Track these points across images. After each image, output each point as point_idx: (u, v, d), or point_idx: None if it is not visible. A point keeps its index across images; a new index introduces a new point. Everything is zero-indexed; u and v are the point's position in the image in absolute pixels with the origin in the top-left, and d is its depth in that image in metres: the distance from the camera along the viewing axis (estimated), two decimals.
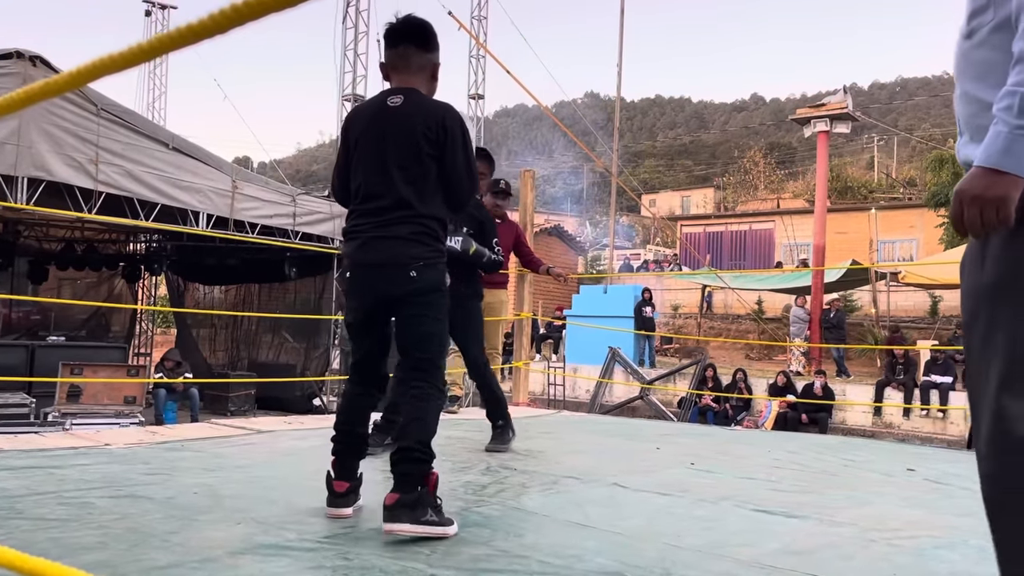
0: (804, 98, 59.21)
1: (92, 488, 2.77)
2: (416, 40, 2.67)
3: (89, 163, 8.80)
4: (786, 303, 19.55)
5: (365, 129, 2.62)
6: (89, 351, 10.97)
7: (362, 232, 2.55)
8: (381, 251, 2.51)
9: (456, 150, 2.57)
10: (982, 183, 1.29)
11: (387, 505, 2.27)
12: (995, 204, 1.28)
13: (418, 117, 2.54)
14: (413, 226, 2.51)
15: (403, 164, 2.53)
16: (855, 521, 2.73)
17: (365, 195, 2.58)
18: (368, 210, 2.56)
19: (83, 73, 0.90)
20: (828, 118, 16.02)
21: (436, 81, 2.75)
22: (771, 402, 12.98)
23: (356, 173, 2.62)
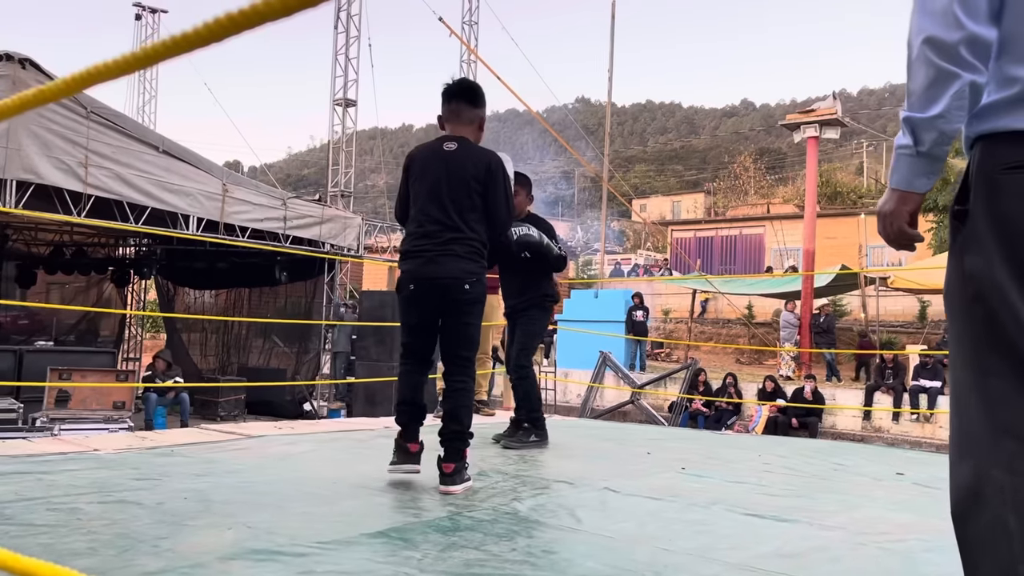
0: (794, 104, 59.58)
1: (81, 494, 2.76)
2: (466, 98, 3.36)
3: (79, 166, 8.76)
4: (776, 308, 19.62)
5: (424, 168, 3.23)
6: (78, 356, 10.91)
7: (425, 251, 3.14)
8: (442, 266, 3.10)
9: (498, 188, 3.22)
10: (883, 201, 1.47)
11: (446, 472, 3.05)
12: (888, 218, 1.45)
13: (468, 161, 3.19)
14: (466, 247, 3.14)
15: (455, 197, 3.14)
16: (845, 525, 2.74)
17: (424, 221, 3.16)
18: (428, 232, 3.15)
19: (78, 80, 0.90)
20: (818, 124, 16.10)
21: (482, 131, 3.42)
22: (761, 407, 13.02)
23: (415, 202, 3.22)
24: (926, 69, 1.33)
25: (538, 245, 4.39)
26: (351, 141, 15.00)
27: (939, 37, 1.30)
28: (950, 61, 1.30)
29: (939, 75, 1.32)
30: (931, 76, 1.33)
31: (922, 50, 1.33)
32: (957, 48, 1.29)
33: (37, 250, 14.62)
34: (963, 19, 1.29)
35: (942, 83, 1.32)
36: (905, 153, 1.40)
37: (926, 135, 1.36)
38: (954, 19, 1.29)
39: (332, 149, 15.09)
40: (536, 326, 4.56)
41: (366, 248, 14.07)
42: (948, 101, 1.32)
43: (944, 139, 1.37)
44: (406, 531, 2.45)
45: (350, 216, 12.86)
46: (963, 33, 1.29)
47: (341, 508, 2.77)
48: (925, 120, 1.35)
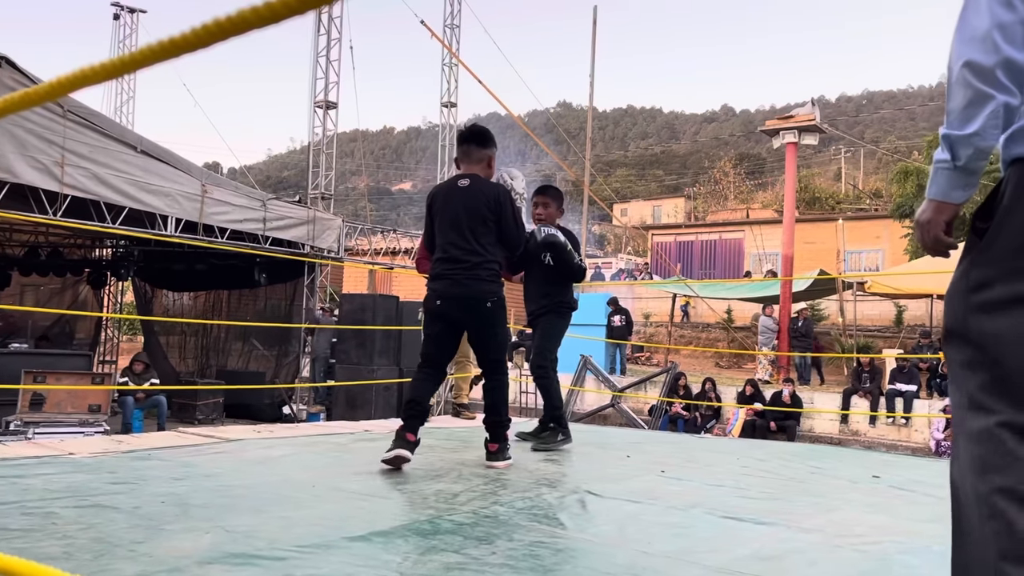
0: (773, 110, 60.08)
1: (56, 498, 2.73)
2: (476, 141, 3.91)
3: (55, 165, 8.66)
4: (755, 312, 19.76)
5: (444, 203, 3.82)
6: (52, 358, 10.76)
7: (453, 274, 3.71)
8: (468, 287, 3.69)
9: (507, 214, 3.78)
10: (921, 211, 1.56)
11: (492, 451, 3.83)
12: (925, 227, 1.54)
13: (481, 195, 3.75)
14: (488, 271, 3.72)
15: (473, 227, 3.72)
16: (822, 527, 2.77)
17: (449, 248, 3.74)
18: (453, 257, 3.72)
19: (63, 84, 0.90)
20: (796, 130, 16.25)
21: (491, 168, 3.95)
22: (738, 410, 13.10)
23: (440, 233, 3.80)
24: (964, 90, 1.43)
25: (562, 248, 4.52)
26: (332, 143, 14.93)
27: (977, 61, 1.41)
28: (987, 83, 1.40)
29: (976, 96, 1.42)
30: (969, 97, 1.43)
31: (961, 73, 1.43)
32: (994, 71, 1.40)
33: (11, 251, 14.43)
34: (1001, 44, 1.39)
35: (979, 103, 1.42)
36: (943, 167, 1.49)
37: (963, 151, 1.46)
38: (992, 44, 1.39)
39: (312, 151, 15.02)
40: (553, 329, 4.68)
41: (346, 250, 14.01)
42: (984, 120, 1.42)
43: (980, 155, 1.46)
44: (386, 534, 2.44)
45: (330, 218, 12.80)
46: (999, 57, 1.39)
47: (320, 512, 2.76)
48: (963, 137, 1.45)
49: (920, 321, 19.36)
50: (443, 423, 5.95)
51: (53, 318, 14.57)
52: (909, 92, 77.33)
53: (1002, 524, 1.28)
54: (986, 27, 1.40)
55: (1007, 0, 1.40)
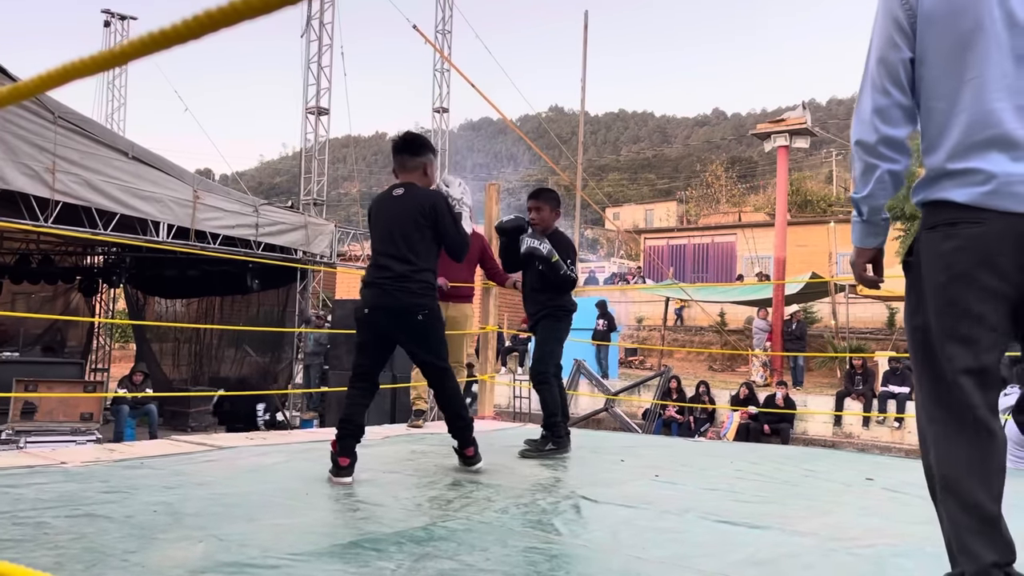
0: (764, 113, 60.35)
1: (48, 507, 2.71)
2: (408, 150, 3.80)
3: (46, 172, 8.62)
4: (748, 315, 19.81)
5: (377, 213, 3.77)
6: (44, 367, 10.71)
7: (381, 283, 3.59)
8: (397, 299, 3.56)
9: (444, 219, 3.66)
10: (852, 255, 1.96)
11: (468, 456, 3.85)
12: (855, 268, 1.96)
13: (414, 203, 3.66)
14: (418, 282, 3.58)
15: (406, 234, 3.61)
16: (816, 530, 2.77)
17: (380, 256, 3.66)
18: (383, 265, 3.61)
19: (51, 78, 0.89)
20: (788, 133, 16.32)
21: (428, 176, 3.82)
22: (732, 413, 13.12)
23: (376, 243, 3.72)
24: (857, 162, 1.82)
25: (545, 259, 4.44)
26: (324, 149, 14.92)
27: (864, 139, 1.80)
28: (872, 156, 1.79)
29: (865, 167, 1.81)
30: (861, 168, 1.82)
31: (855, 149, 1.81)
32: (876, 147, 1.78)
33: (2, 259, 14.35)
34: (879, 125, 1.78)
35: (868, 172, 1.81)
36: (855, 221, 1.90)
37: (863, 208, 1.85)
38: (873, 125, 1.78)
39: (304, 157, 15.01)
40: (551, 334, 4.60)
41: (339, 256, 13.99)
42: (873, 184, 1.81)
43: (875, 211, 1.85)
44: (379, 542, 2.43)
45: (323, 223, 12.78)
46: (879, 135, 1.78)
47: (314, 519, 2.75)
48: (861, 198, 1.84)
49: None
50: (436, 429, 5.93)
51: (45, 326, 14.49)
52: None
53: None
54: (868, 111, 1.78)
55: (883, 88, 1.77)
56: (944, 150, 1.73)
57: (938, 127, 1.75)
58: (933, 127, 1.76)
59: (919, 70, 1.76)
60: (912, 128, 1.79)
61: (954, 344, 1.70)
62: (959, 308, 1.70)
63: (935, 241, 1.73)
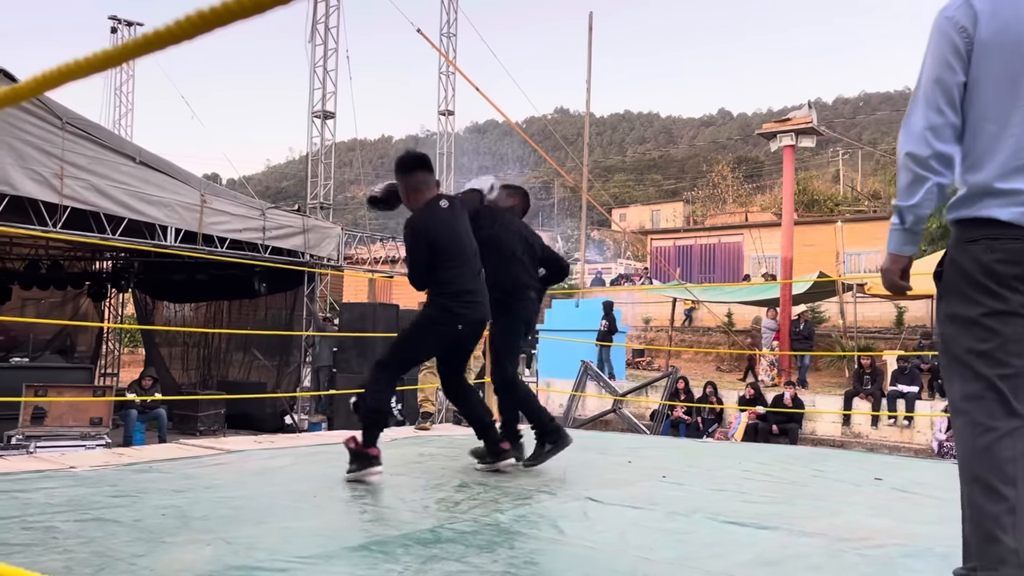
0: (770, 113, 60.18)
1: (57, 512, 2.72)
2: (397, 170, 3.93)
3: (54, 177, 8.66)
4: (755, 315, 19.74)
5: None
6: (54, 372, 10.75)
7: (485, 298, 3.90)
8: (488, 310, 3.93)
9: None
10: (884, 262, 2.09)
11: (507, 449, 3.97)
12: (886, 274, 2.06)
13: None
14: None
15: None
16: (824, 531, 2.76)
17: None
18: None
19: (49, 78, 0.89)
20: (794, 132, 16.27)
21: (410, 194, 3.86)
22: (740, 414, 13.08)
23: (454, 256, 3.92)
24: (907, 173, 1.94)
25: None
26: (330, 153, 14.95)
27: (916, 152, 1.92)
28: (923, 168, 1.91)
29: (915, 177, 1.93)
30: (910, 178, 1.94)
31: (905, 160, 1.94)
32: (928, 160, 1.90)
33: (12, 265, 14.42)
34: (932, 140, 1.90)
35: (918, 183, 1.93)
36: (896, 228, 2.00)
37: (908, 217, 1.96)
38: (926, 140, 1.90)
39: (311, 161, 15.04)
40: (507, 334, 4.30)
41: (346, 259, 14.01)
42: (922, 195, 1.93)
43: (920, 220, 1.97)
44: (387, 544, 2.43)
45: (329, 226, 12.81)
46: (931, 150, 1.90)
47: (321, 522, 2.75)
48: (908, 207, 1.95)
49: (921, 322, 19.34)
50: (444, 431, 5.94)
51: (54, 331, 14.55)
52: (906, 93, 77.38)
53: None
54: (922, 127, 1.91)
55: (937, 107, 1.90)
56: (991, 169, 1.87)
57: (985, 147, 1.88)
58: (980, 147, 1.89)
59: (971, 92, 1.90)
60: (958, 147, 1.93)
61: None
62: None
63: (976, 252, 1.86)
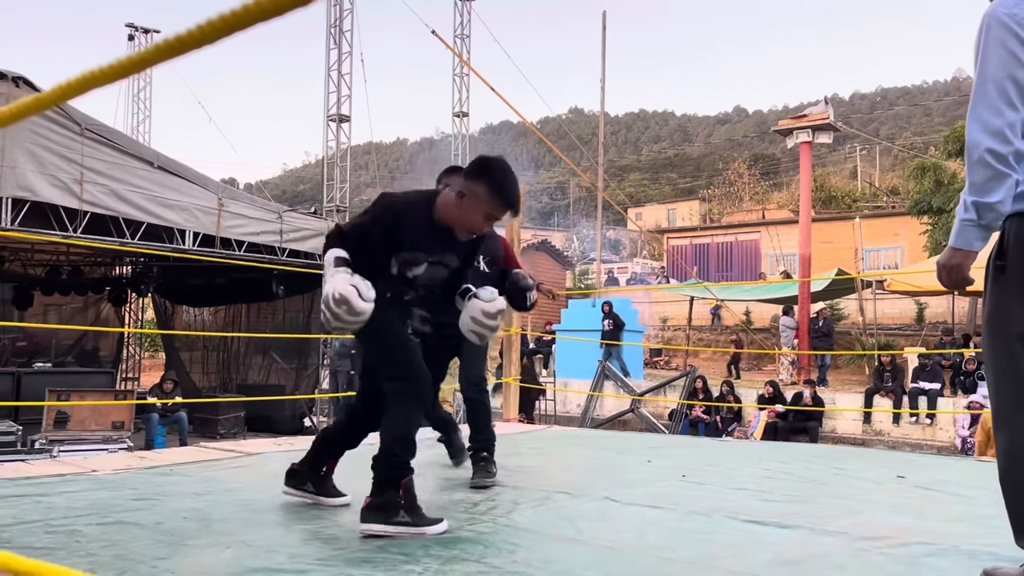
0: (786, 109, 59.77)
1: (79, 515, 2.75)
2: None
3: (74, 183, 8.77)
4: (774, 313, 19.63)
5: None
6: (76, 377, 10.88)
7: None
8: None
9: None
10: (945, 257, 2.03)
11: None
12: (953, 270, 2.01)
13: None
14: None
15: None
16: (846, 530, 2.74)
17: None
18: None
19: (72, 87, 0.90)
20: (810, 129, 16.16)
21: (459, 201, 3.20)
22: (760, 412, 13.00)
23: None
24: (986, 170, 1.91)
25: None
26: (345, 156, 15.02)
27: (997, 149, 1.90)
28: (1005, 166, 1.90)
29: (996, 174, 1.90)
30: (990, 175, 1.91)
31: (984, 156, 1.90)
32: (1007, 157, 1.90)
33: (33, 271, 14.59)
34: (1011, 137, 1.90)
35: (999, 179, 1.91)
36: (970, 224, 1.95)
37: (988, 214, 1.93)
38: (1005, 137, 1.90)
39: (327, 164, 15.12)
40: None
41: None
42: (1004, 192, 1.91)
43: (999, 217, 1.94)
44: (406, 545, 2.44)
45: None
46: (1012, 148, 1.90)
47: (341, 524, 2.76)
48: (988, 204, 1.92)
49: (941, 318, 19.16)
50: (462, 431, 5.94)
51: (76, 337, 14.72)
52: (924, 88, 76.73)
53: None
54: (1002, 124, 1.89)
55: (1011, 103, 1.90)
56: None
57: None
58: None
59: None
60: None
61: None
62: None
63: None
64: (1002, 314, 1.98)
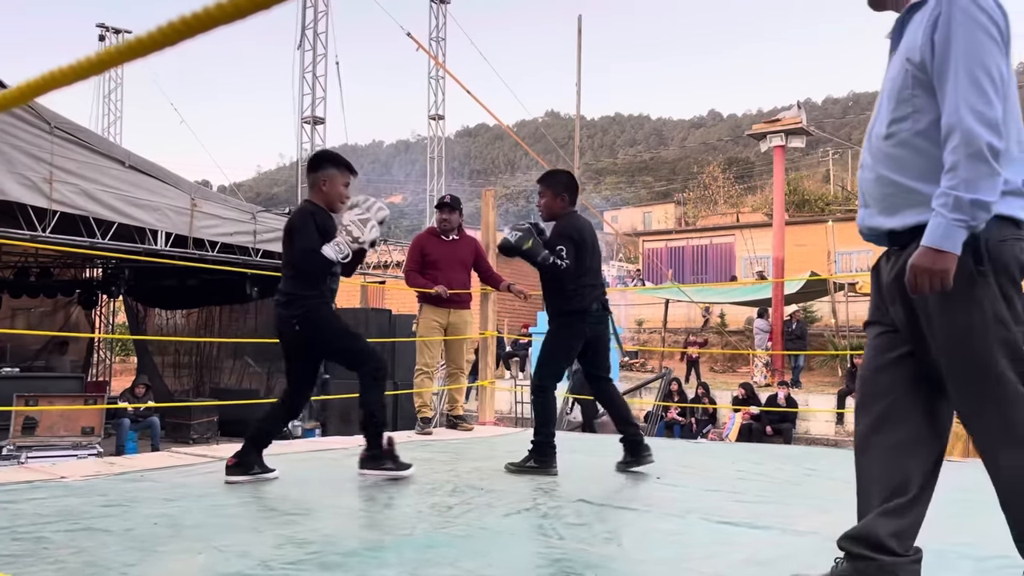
0: (760, 114, 60.40)
1: (47, 522, 2.70)
2: (308, 168, 3.95)
3: (43, 182, 8.62)
4: (748, 316, 19.79)
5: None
6: (45, 382, 10.68)
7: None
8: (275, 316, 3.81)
9: (291, 243, 3.68)
10: (930, 259, 1.74)
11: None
12: (939, 275, 1.74)
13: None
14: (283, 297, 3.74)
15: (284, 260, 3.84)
16: (817, 529, 2.76)
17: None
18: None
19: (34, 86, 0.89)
20: (783, 133, 16.34)
21: (324, 189, 3.81)
22: (734, 414, 13.11)
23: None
24: (985, 165, 1.71)
25: (512, 250, 4.04)
26: None
27: (996, 145, 1.71)
28: (999, 163, 1.73)
29: (993, 172, 1.72)
30: (989, 171, 1.72)
31: (985, 152, 1.71)
32: (1000, 154, 1.73)
33: (1, 273, 14.35)
34: (1002, 132, 1.73)
35: (995, 177, 1.72)
36: (960, 225, 1.72)
37: (982, 214, 1.73)
38: (999, 132, 1.72)
39: (301, 167, 15.02)
40: (548, 341, 4.18)
41: None
42: (997, 192, 1.73)
43: (988, 218, 1.74)
44: (379, 549, 2.43)
45: None
46: (1004, 145, 1.74)
47: (314, 528, 2.74)
48: (985, 203, 1.72)
49: None
50: (438, 435, 5.93)
51: (45, 340, 14.48)
52: None
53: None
54: (995, 116, 1.70)
55: (999, 93, 1.72)
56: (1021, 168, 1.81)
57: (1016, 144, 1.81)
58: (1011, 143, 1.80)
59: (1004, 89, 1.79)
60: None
61: None
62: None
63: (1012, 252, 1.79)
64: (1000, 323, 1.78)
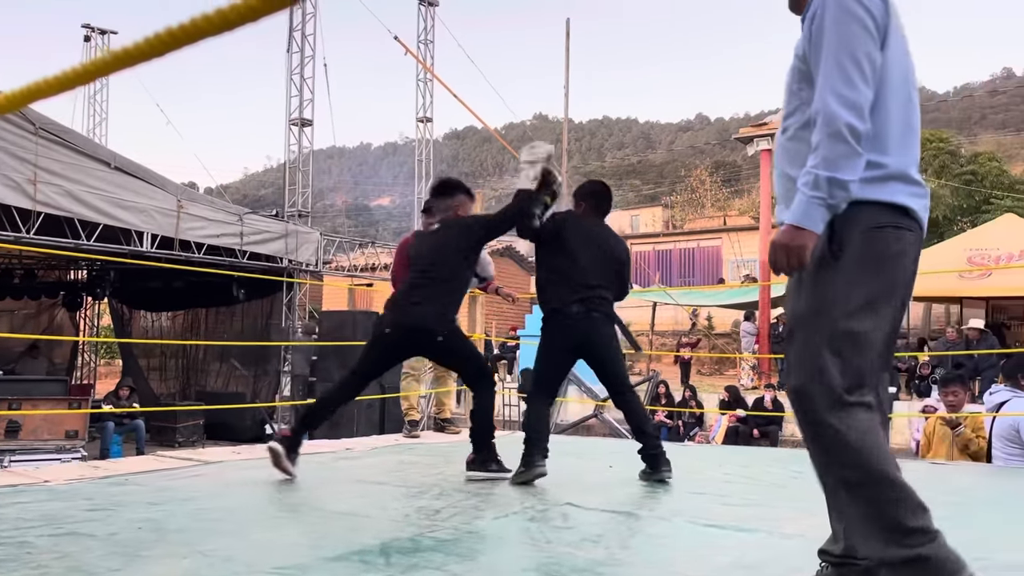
0: (747, 117, 60.65)
1: (31, 527, 2.68)
2: (435, 193, 4.27)
3: (27, 183, 8.56)
4: (735, 319, 19.87)
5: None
6: (28, 385, 10.58)
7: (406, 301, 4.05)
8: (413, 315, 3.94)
9: (470, 231, 4.06)
10: (788, 236, 1.78)
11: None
12: (796, 251, 1.77)
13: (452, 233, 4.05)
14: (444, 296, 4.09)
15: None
16: (803, 532, 2.77)
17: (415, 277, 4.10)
18: (415, 284, 4.07)
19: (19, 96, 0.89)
20: (770, 136, 16.41)
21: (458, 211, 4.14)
22: (721, 417, 13.15)
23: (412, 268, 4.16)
24: (844, 146, 1.75)
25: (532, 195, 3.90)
26: (308, 161, 14.88)
27: (856, 126, 1.76)
28: (860, 144, 1.77)
29: (853, 152, 1.76)
30: (847, 150, 1.76)
31: (844, 132, 1.75)
32: (862, 136, 1.77)
33: None
34: (866, 116, 1.78)
35: (854, 157, 1.76)
36: (818, 202, 1.76)
37: (839, 193, 1.76)
38: (863, 114, 1.77)
39: (288, 169, 14.96)
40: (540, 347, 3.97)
41: (325, 264, 13.93)
42: (856, 172, 1.77)
43: (847, 198, 1.78)
44: (366, 553, 2.42)
45: (308, 231, 12.73)
46: (866, 126, 1.77)
47: (300, 532, 2.73)
48: (842, 181, 1.75)
49: None
50: (425, 438, 5.92)
51: (28, 343, 14.36)
52: None
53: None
54: (861, 100, 1.77)
55: (865, 78, 1.78)
56: (906, 155, 1.87)
57: (899, 131, 1.86)
58: (892, 129, 1.85)
59: (881, 73, 1.84)
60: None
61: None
62: (900, 310, 1.88)
63: (884, 241, 1.82)
64: (839, 302, 1.79)
